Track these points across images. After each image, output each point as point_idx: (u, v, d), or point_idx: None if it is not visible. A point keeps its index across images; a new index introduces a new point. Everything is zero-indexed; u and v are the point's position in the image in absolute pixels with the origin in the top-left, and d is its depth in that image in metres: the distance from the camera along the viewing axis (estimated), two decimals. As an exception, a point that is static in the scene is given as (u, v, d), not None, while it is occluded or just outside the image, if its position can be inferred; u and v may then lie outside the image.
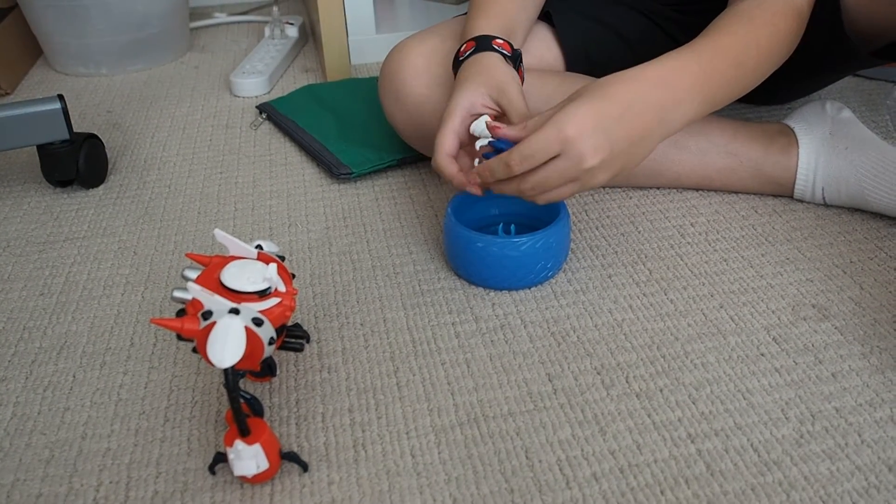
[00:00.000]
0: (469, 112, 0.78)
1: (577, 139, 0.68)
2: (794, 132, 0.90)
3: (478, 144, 0.78)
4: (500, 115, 0.78)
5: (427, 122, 0.91)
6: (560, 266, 0.82)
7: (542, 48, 0.97)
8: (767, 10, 0.80)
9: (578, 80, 0.92)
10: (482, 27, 0.84)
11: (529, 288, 0.80)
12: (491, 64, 0.79)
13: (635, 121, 0.70)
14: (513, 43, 0.84)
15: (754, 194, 0.94)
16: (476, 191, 0.76)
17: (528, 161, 0.69)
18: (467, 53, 0.81)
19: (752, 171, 0.91)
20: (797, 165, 0.89)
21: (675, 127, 0.74)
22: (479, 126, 0.78)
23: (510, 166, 0.70)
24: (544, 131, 0.68)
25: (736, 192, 0.94)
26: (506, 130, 0.73)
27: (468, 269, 0.80)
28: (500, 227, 0.85)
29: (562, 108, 0.70)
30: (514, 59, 0.82)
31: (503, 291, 0.80)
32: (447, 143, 0.77)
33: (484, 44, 0.81)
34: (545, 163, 0.69)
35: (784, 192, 0.92)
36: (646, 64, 0.74)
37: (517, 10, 0.88)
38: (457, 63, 0.83)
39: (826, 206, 0.91)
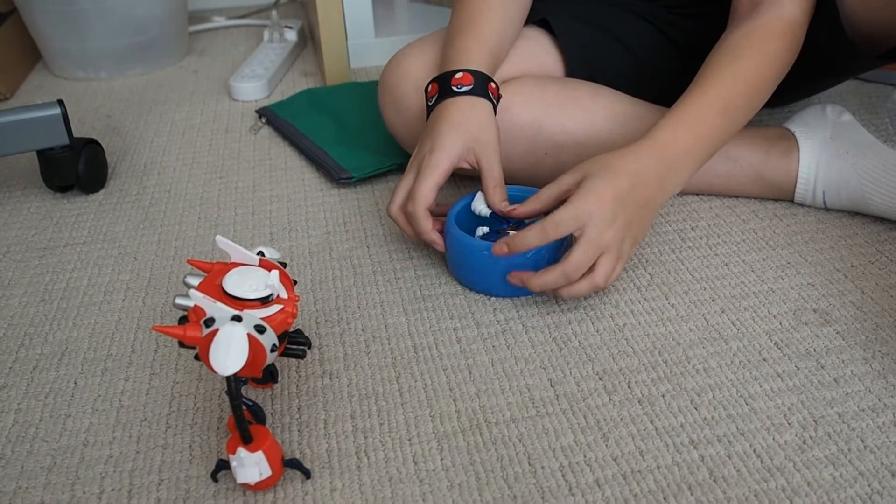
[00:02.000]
0: (455, 166, 0.79)
1: (599, 210, 0.72)
2: (794, 136, 0.90)
3: (479, 231, 0.83)
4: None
5: None
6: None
7: (542, 54, 0.97)
8: (757, 38, 0.81)
9: (580, 86, 0.92)
10: (473, 53, 0.83)
11: (531, 293, 0.80)
12: (483, 117, 0.81)
13: (642, 189, 0.75)
14: (497, 70, 0.86)
15: (755, 198, 0.94)
16: (439, 248, 0.81)
17: (560, 226, 0.72)
18: (463, 89, 0.81)
19: (752, 175, 0.91)
20: (798, 170, 0.89)
21: (674, 189, 0.79)
22: (480, 206, 0.81)
23: (546, 231, 0.72)
24: (572, 204, 0.72)
25: (736, 197, 0.94)
26: (522, 209, 0.78)
27: (472, 277, 0.80)
28: (495, 234, 0.85)
29: (580, 187, 0.73)
30: (498, 101, 0.84)
31: (503, 297, 0.80)
32: (429, 198, 0.79)
33: (481, 86, 0.81)
34: (575, 244, 0.72)
35: (785, 196, 0.92)
36: (640, 140, 0.77)
37: (503, 27, 0.88)
38: (447, 88, 0.82)
39: (827, 209, 0.91)
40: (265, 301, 0.60)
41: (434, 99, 0.83)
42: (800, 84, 1.00)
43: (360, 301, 0.81)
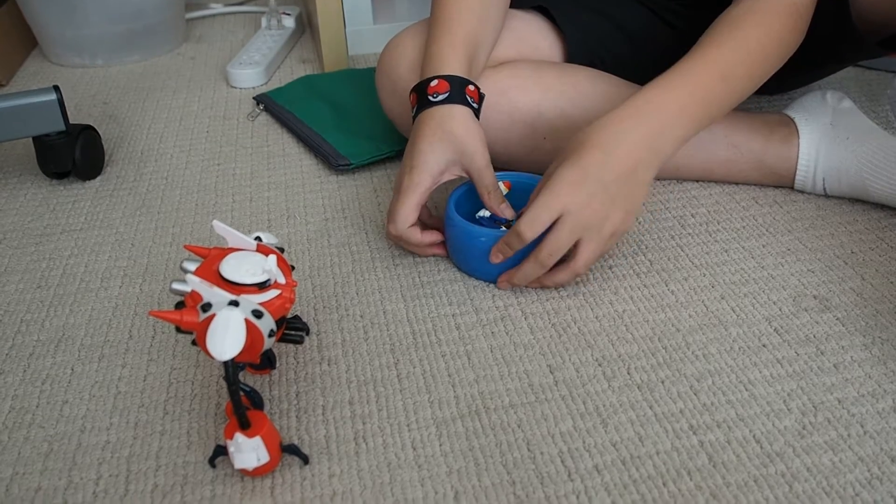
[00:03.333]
0: (437, 182, 0.78)
1: (570, 195, 0.71)
2: (794, 122, 0.90)
3: (479, 214, 0.82)
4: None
5: None
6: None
7: (538, 37, 0.96)
8: (759, 12, 0.79)
9: (578, 71, 0.92)
10: (448, 57, 0.81)
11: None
12: (463, 125, 0.78)
13: (622, 159, 0.72)
14: (477, 71, 0.84)
15: (755, 185, 0.94)
16: (440, 253, 0.82)
17: (535, 224, 0.72)
18: (439, 97, 0.78)
19: (752, 162, 0.91)
20: (798, 156, 0.89)
21: (667, 151, 0.75)
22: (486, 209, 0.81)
23: (521, 234, 0.72)
24: (542, 197, 0.72)
25: (737, 184, 0.94)
26: (507, 209, 0.79)
27: (471, 263, 0.80)
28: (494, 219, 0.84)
29: (551, 175, 0.73)
30: (481, 103, 0.82)
31: (503, 283, 0.80)
32: (410, 218, 0.78)
33: (458, 92, 0.79)
34: (552, 227, 0.72)
35: (785, 182, 0.92)
36: (626, 102, 0.75)
37: (482, 26, 0.86)
38: (423, 99, 0.79)
39: (827, 196, 0.91)
40: (262, 286, 0.59)
41: (415, 110, 0.81)
42: (801, 70, 1.00)
43: (359, 287, 0.80)
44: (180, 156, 1.08)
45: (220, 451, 0.61)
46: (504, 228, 0.79)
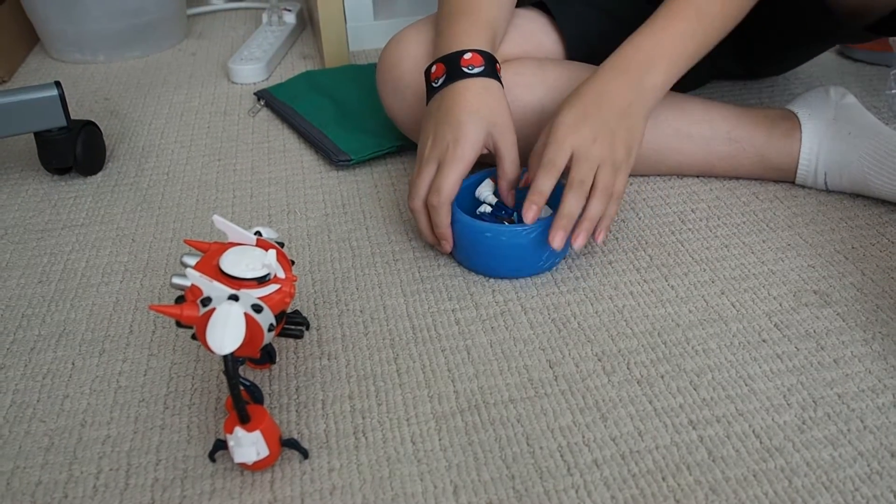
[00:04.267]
0: (477, 156, 0.78)
1: (575, 134, 0.75)
2: (797, 117, 0.90)
3: (480, 210, 0.83)
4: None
5: None
6: (565, 253, 0.81)
7: (541, 35, 0.96)
8: None
9: (581, 69, 0.91)
10: (475, 35, 0.82)
11: (533, 273, 0.80)
12: (499, 100, 0.80)
13: (613, 98, 0.77)
14: (496, 53, 0.85)
15: (756, 180, 0.93)
16: (447, 248, 0.80)
17: (551, 170, 0.75)
18: (475, 70, 0.79)
19: (754, 157, 0.90)
20: (799, 151, 0.89)
21: (652, 92, 0.79)
22: (486, 192, 0.82)
23: (539, 186, 0.74)
24: (551, 144, 0.75)
25: (738, 178, 0.94)
26: (529, 176, 0.79)
27: (474, 259, 0.80)
28: (495, 215, 0.84)
29: (551, 126, 0.77)
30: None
31: (502, 279, 0.80)
32: (455, 190, 0.77)
33: (490, 67, 0.80)
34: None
35: (786, 177, 0.92)
36: (615, 52, 0.80)
37: (500, 13, 0.87)
38: (456, 69, 0.80)
39: (828, 192, 0.91)
40: (262, 280, 0.59)
41: (441, 80, 0.81)
42: (790, 51, 1.00)
43: (359, 282, 0.81)
44: (181, 151, 1.09)
45: (220, 446, 0.61)
46: (507, 224, 0.79)
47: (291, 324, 0.65)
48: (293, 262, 0.65)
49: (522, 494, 0.58)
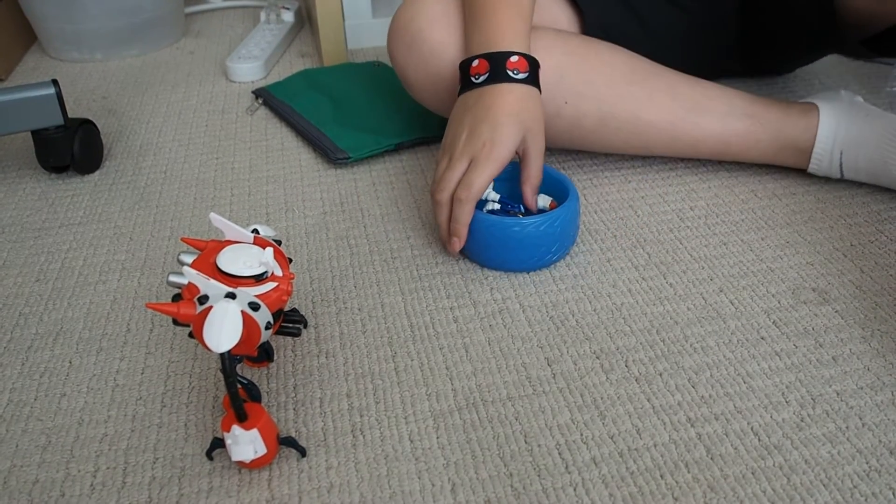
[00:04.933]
0: (511, 159, 0.79)
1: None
2: (814, 103, 0.90)
3: (487, 209, 0.83)
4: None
5: (444, 71, 0.89)
6: (572, 245, 0.82)
7: (556, 10, 0.96)
8: None
9: (599, 42, 0.92)
10: (520, 32, 0.82)
11: (528, 272, 0.80)
12: (538, 109, 0.80)
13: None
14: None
15: (769, 165, 0.93)
16: (456, 247, 0.79)
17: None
18: (520, 76, 0.79)
19: (772, 133, 0.89)
20: (818, 126, 0.88)
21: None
22: (488, 191, 0.82)
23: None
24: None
25: (749, 164, 0.93)
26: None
27: (497, 254, 0.79)
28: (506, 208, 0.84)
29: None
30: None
31: (502, 276, 0.80)
32: (485, 188, 0.77)
33: (534, 74, 0.81)
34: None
35: (801, 159, 0.90)
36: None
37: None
38: (501, 71, 0.79)
39: (841, 179, 0.90)
40: (259, 278, 0.59)
41: (484, 78, 0.80)
42: (791, 55, 1.00)
43: (357, 280, 0.80)
44: (179, 150, 1.08)
45: (218, 444, 0.61)
46: (520, 217, 0.80)
47: (289, 322, 0.65)
48: (291, 260, 0.65)
49: (520, 492, 0.58)
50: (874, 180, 0.88)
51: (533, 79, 0.80)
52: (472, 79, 0.81)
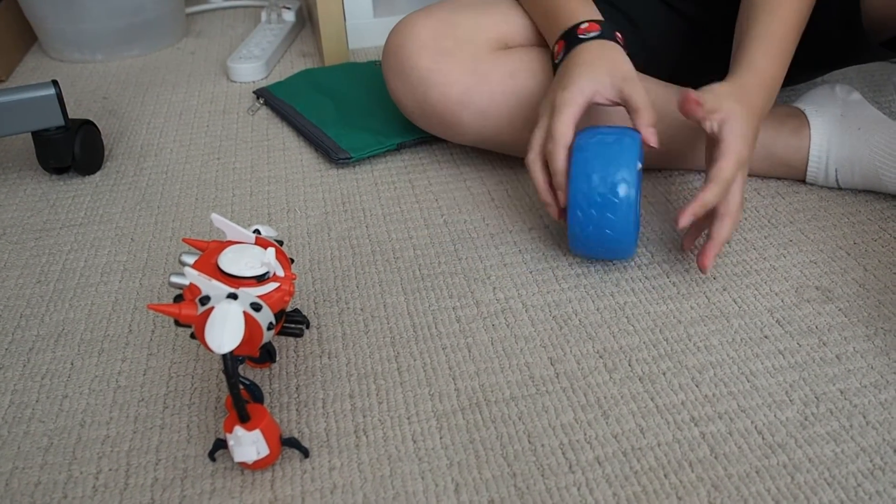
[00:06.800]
0: (591, 101, 0.77)
1: (745, 147, 0.74)
2: (804, 114, 0.89)
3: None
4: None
5: (432, 96, 0.89)
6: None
7: None
8: None
9: None
10: (587, 7, 0.83)
11: (531, 272, 0.80)
12: (617, 56, 0.79)
13: (757, 107, 0.77)
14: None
15: (763, 177, 0.93)
16: (553, 212, 0.78)
17: (724, 183, 0.73)
18: (591, 34, 0.79)
19: (762, 154, 0.89)
20: (809, 147, 0.88)
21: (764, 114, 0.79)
22: None
23: (724, 189, 0.73)
24: (728, 158, 0.73)
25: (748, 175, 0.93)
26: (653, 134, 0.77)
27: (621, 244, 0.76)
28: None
29: (722, 135, 0.74)
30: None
31: (504, 275, 0.79)
32: (568, 134, 0.75)
33: (609, 31, 0.80)
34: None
35: (796, 174, 0.91)
36: (741, 74, 0.78)
37: None
38: (573, 39, 0.80)
39: (839, 189, 0.90)
40: (261, 279, 0.59)
41: (561, 54, 0.81)
42: (807, 70, 0.99)
43: (359, 281, 0.80)
44: (180, 150, 1.08)
45: (220, 445, 0.60)
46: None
47: (291, 322, 0.65)
48: (293, 261, 0.65)
49: (524, 492, 0.58)
50: (872, 188, 0.88)
51: (608, 34, 0.80)
52: (555, 62, 0.83)
